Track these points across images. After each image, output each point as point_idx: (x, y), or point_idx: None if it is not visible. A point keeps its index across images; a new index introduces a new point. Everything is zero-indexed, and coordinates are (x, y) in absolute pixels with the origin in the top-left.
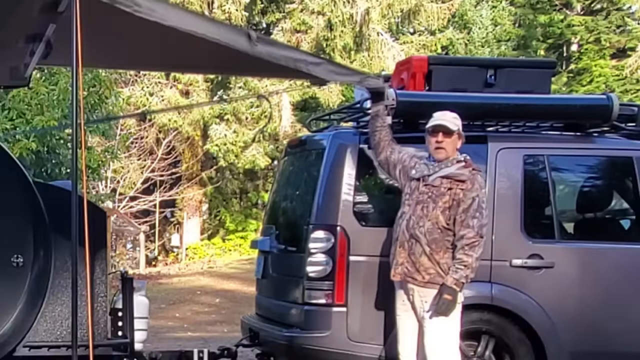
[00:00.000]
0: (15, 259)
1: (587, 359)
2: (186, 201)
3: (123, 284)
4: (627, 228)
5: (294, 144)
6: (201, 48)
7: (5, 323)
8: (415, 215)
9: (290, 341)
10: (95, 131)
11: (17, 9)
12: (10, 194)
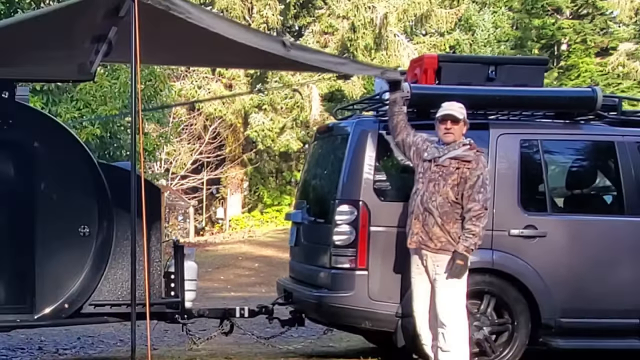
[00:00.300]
0: (82, 230)
1: (575, 315)
2: (229, 179)
3: (175, 251)
4: (609, 202)
5: (322, 130)
6: (242, 48)
7: (73, 284)
8: (428, 191)
9: (319, 300)
10: (151, 119)
11: (85, 14)
12: (78, 173)
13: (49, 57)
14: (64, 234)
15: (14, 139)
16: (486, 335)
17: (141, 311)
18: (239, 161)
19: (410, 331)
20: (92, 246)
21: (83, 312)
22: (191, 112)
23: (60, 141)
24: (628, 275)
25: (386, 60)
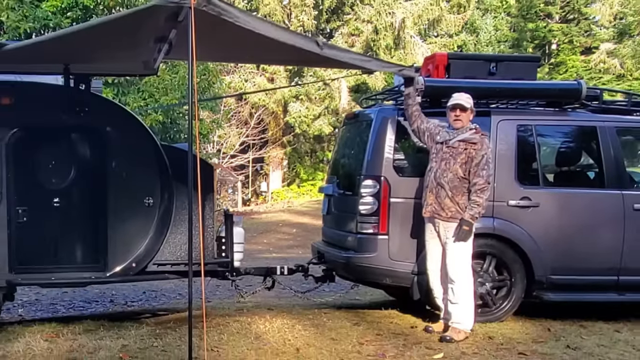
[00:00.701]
0: (147, 201)
1: (562, 273)
2: (271, 158)
3: (225, 219)
4: (592, 177)
5: (350, 116)
6: (282, 47)
7: (140, 247)
8: (440, 168)
9: (347, 260)
10: (205, 107)
11: (149, 19)
12: (143, 153)
13: (119, 55)
14: (132, 205)
15: (90, 124)
16: (488, 289)
17: (197, 269)
18: (279, 143)
19: (424, 286)
20: (156, 215)
21: (148, 270)
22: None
23: (129, 126)
24: (607, 239)
25: (404, 58)
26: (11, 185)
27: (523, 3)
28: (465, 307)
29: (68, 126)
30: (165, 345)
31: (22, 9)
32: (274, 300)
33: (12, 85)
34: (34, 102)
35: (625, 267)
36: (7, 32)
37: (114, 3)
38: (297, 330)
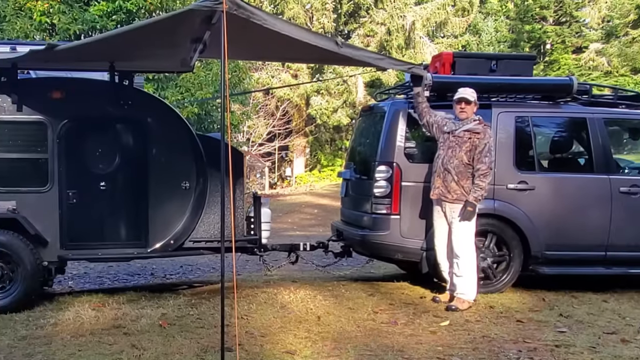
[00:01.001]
0: (184, 184)
1: (556, 249)
2: (295, 146)
3: (254, 200)
4: (582, 164)
5: (365, 109)
6: (305, 47)
7: (177, 225)
8: (447, 155)
9: (363, 237)
10: (236, 101)
11: (186, 22)
12: (180, 142)
13: (159, 54)
14: (170, 188)
15: (133, 116)
16: (489, 264)
17: (228, 246)
18: (302, 132)
19: (432, 261)
20: (192, 197)
21: (184, 247)
22: (266, 95)
23: (168, 117)
24: (596, 218)
25: (414, 57)
26: (62, 170)
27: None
28: (469, 279)
29: (113, 117)
30: (200, 314)
31: (72, 12)
32: (297, 273)
33: (64, 81)
34: (83, 96)
35: (612, 243)
36: (59, 33)
37: (154, 7)
38: (318, 300)
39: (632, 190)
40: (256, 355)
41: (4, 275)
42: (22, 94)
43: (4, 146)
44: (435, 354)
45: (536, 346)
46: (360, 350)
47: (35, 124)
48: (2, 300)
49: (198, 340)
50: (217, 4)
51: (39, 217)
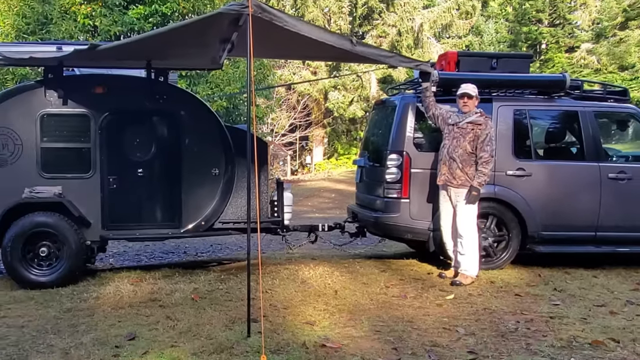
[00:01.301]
0: (214, 171)
1: (550, 229)
2: (314, 136)
3: (277, 185)
4: (574, 152)
5: (378, 102)
6: (323, 46)
7: (208, 209)
8: (452, 145)
9: (376, 219)
10: (261, 95)
11: (216, 24)
12: (210, 132)
13: (191, 53)
14: (201, 174)
15: (167, 109)
16: (490, 243)
17: (254, 227)
18: (321, 124)
19: (438, 240)
20: (221, 182)
21: (214, 227)
22: (288, 90)
23: (199, 110)
24: (587, 202)
25: (422, 55)
26: (104, 158)
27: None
28: (471, 257)
29: (150, 110)
30: (229, 288)
31: (113, 15)
32: (316, 251)
33: (105, 78)
34: (123, 91)
35: (601, 225)
36: (100, 34)
37: (187, 10)
38: (335, 276)
39: (619, 177)
40: (279, 325)
41: (50, 253)
42: (68, 89)
43: (51, 136)
44: (441, 325)
45: (533, 317)
46: (374, 321)
47: (79, 116)
48: (49, 276)
49: (226, 312)
50: (244, 7)
51: (82, 201)
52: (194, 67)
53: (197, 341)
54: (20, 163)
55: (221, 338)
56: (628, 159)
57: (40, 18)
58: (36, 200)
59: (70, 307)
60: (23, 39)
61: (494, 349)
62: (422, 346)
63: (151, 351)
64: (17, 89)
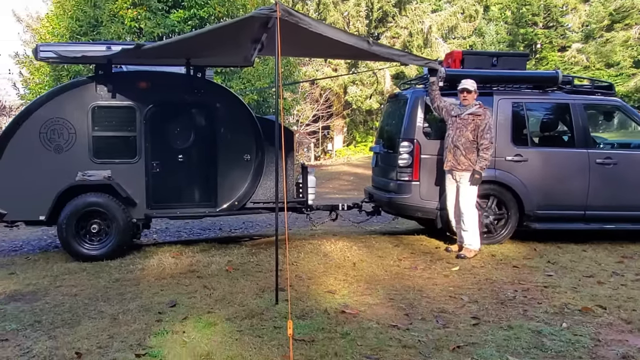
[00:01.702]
0: (245, 157)
1: (545, 208)
2: (335, 126)
3: (302, 170)
4: (566, 140)
5: (391, 96)
6: (343, 45)
7: (240, 190)
8: (456, 135)
9: (390, 200)
10: (288, 89)
11: (247, 26)
12: (243, 122)
13: (225, 52)
14: (235, 159)
15: (205, 102)
16: (491, 221)
17: (281, 206)
18: (341, 115)
19: (445, 218)
20: (252, 167)
21: (246, 207)
22: (312, 85)
23: (233, 103)
24: (577, 184)
25: (430, 54)
26: (148, 145)
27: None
28: (473, 233)
29: (189, 103)
30: (259, 261)
31: (156, 18)
32: (337, 228)
33: (149, 74)
34: (165, 86)
35: (589, 204)
36: (145, 35)
37: (222, 14)
38: (353, 250)
39: (605, 162)
40: (303, 294)
41: (101, 230)
42: (116, 84)
43: (101, 126)
44: (447, 293)
45: (529, 287)
46: (388, 290)
47: (126, 108)
48: (100, 250)
49: (257, 282)
50: (273, 11)
51: (129, 183)
52: (228, 64)
53: (231, 308)
54: (74, 150)
55: (252, 305)
56: (613, 146)
57: (92, 21)
58: (88, 182)
59: (118, 277)
60: (76, 39)
61: (494, 315)
62: (431, 312)
63: (190, 317)
64: (71, 84)
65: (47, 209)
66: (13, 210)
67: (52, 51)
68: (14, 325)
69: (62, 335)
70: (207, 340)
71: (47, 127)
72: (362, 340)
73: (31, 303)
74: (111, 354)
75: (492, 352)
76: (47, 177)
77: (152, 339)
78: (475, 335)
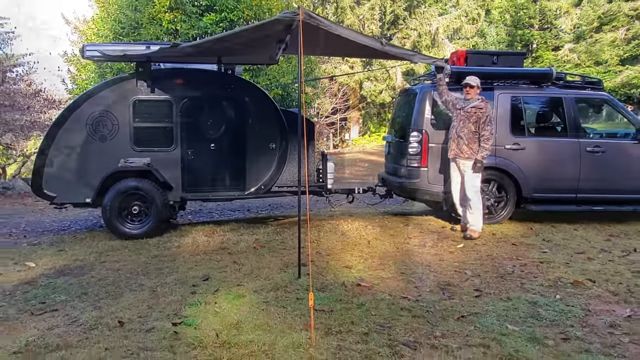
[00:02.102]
0: (271, 145)
1: (540, 192)
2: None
3: (322, 157)
4: (559, 130)
5: (402, 91)
6: (358, 46)
7: (266, 175)
8: (459, 126)
9: (401, 184)
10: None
11: (272, 28)
12: (268, 114)
13: (253, 51)
14: (261, 148)
15: (234, 96)
16: (492, 203)
17: (303, 190)
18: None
19: (450, 201)
20: (277, 154)
21: (272, 190)
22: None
23: (259, 97)
24: (569, 170)
25: (437, 53)
26: (183, 135)
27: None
28: (477, 215)
29: (220, 97)
30: (283, 239)
31: (191, 21)
32: (353, 209)
33: (184, 71)
34: (198, 82)
35: (580, 188)
36: (181, 36)
37: (250, 17)
38: (368, 229)
39: (595, 150)
40: (323, 269)
41: (141, 211)
42: (155, 80)
43: (142, 118)
44: (453, 268)
45: (526, 262)
46: (399, 265)
47: (164, 102)
48: (140, 229)
49: (281, 258)
50: (296, 15)
51: (166, 169)
52: (256, 62)
53: (258, 281)
54: (116, 139)
55: (277, 279)
56: (602, 136)
57: (133, 23)
58: (129, 168)
59: (156, 254)
60: (119, 40)
61: (495, 287)
62: (438, 285)
63: (221, 289)
64: (114, 80)
65: (92, 192)
66: (62, 194)
67: (97, 50)
68: (63, 297)
69: (106, 306)
70: (237, 310)
71: (93, 119)
72: (376, 311)
73: (78, 277)
74: (150, 322)
75: (492, 321)
76: (93, 164)
77: (187, 309)
78: (477, 305)
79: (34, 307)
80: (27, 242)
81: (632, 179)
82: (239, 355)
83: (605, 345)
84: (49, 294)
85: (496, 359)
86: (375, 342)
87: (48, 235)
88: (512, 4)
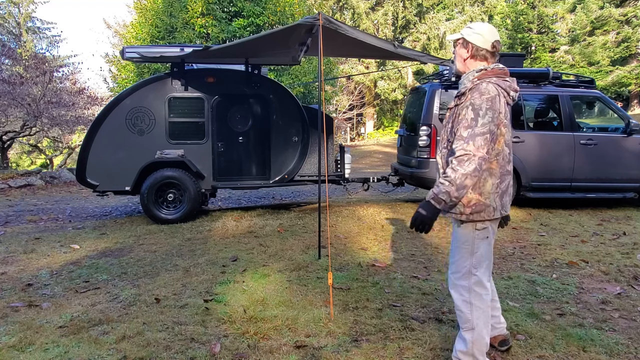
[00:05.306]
0: (294, 139)
1: (538, 181)
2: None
3: (340, 149)
4: (555, 125)
5: (413, 89)
6: (373, 48)
7: (290, 165)
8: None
9: (412, 174)
10: (328, 83)
11: (295, 32)
12: (291, 110)
13: (277, 53)
14: (285, 141)
15: (260, 94)
16: None
17: (323, 179)
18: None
19: None
20: (299, 147)
21: (294, 179)
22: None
23: (283, 95)
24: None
25: (445, 55)
26: (214, 129)
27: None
28: None
29: (247, 95)
30: (305, 223)
31: (221, 25)
32: (368, 197)
33: (215, 71)
34: (228, 80)
35: (574, 177)
36: (212, 39)
37: (274, 22)
38: (382, 215)
39: (588, 142)
40: (341, 250)
41: (175, 198)
42: (188, 79)
43: (176, 113)
44: None
45: (525, 244)
46: (409, 247)
47: (197, 99)
48: (175, 215)
49: (303, 240)
50: (316, 20)
51: (199, 160)
52: (280, 63)
53: (282, 262)
54: (153, 133)
55: (299, 259)
56: (594, 130)
57: (168, 27)
58: (165, 159)
59: (189, 237)
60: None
61: (497, 268)
62: (445, 265)
63: (248, 269)
64: (151, 79)
65: (131, 181)
66: (104, 182)
67: (136, 52)
68: (104, 276)
69: (143, 284)
70: (262, 288)
71: (132, 114)
72: (389, 288)
73: (118, 258)
74: (184, 299)
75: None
76: (132, 155)
77: (218, 287)
78: None
79: (79, 285)
80: (72, 226)
81: (622, 168)
82: (264, 329)
83: (597, 320)
84: (92, 273)
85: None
86: (389, 316)
87: (91, 220)
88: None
